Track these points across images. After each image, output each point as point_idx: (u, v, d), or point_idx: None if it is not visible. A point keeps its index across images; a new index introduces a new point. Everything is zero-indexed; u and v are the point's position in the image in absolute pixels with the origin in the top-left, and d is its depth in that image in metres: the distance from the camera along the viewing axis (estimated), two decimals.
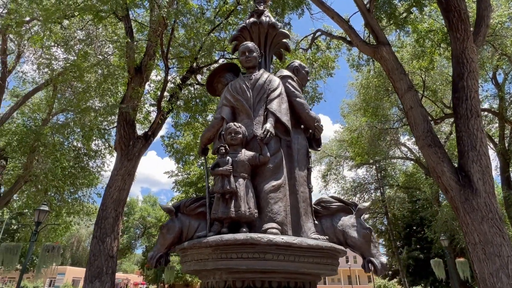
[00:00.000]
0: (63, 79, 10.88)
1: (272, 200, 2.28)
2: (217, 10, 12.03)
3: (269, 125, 2.45)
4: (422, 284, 25.13)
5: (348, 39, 12.40)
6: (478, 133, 8.34)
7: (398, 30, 13.63)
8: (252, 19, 3.12)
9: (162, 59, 9.35)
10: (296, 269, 1.95)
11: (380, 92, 19.36)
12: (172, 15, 7.55)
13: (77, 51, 13.74)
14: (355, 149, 21.43)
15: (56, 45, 13.25)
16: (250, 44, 2.92)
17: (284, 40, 3.27)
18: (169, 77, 9.96)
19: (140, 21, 11.45)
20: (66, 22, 13.47)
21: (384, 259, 2.43)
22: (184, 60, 10.01)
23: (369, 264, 2.41)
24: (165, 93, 10.14)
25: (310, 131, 2.92)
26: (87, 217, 18.09)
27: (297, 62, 3.23)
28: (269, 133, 2.39)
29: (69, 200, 17.94)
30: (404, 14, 12.67)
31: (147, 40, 10.05)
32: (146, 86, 11.74)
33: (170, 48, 10.91)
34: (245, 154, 2.37)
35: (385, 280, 30.68)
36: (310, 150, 2.98)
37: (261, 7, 3.28)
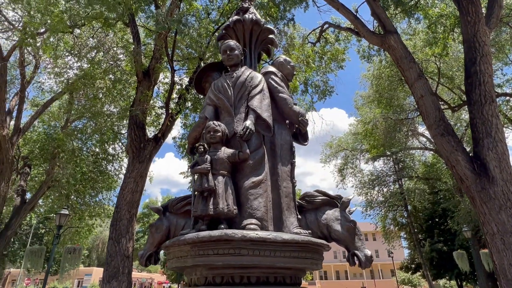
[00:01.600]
0: (77, 87, 11.26)
1: (252, 196, 2.30)
2: (221, 10, 12.08)
3: (249, 122, 2.47)
4: (447, 277, 24.44)
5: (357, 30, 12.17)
6: (493, 119, 8.01)
7: (407, 17, 13.23)
8: (235, 17, 3.14)
9: (168, 62, 9.50)
10: (272, 263, 1.96)
11: (394, 82, 18.88)
12: (174, 23, 7.65)
13: (90, 58, 14.19)
14: (370, 142, 21.03)
15: (69, 53, 13.72)
16: (231, 42, 2.94)
17: (270, 36, 3.26)
18: (176, 79, 10.11)
19: (146, 26, 11.65)
20: (77, 31, 13.93)
21: (369, 252, 2.40)
22: (190, 61, 10.14)
23: (354, 257, 2.39)
24: (174, 95, 10.30)
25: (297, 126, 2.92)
26: (108, 219, 18.67)
27: (282, 57, 3.22)
28: (248, 130, 2.41)
29: (91, 203, 18.58)
30: (413, 1, 12.29)
31: (153, 44, 10.23)
32: (156, 89, 11.97)
33: (177, 50, 11.07)
34: (225, 151, 2.40)
35: (408, 273, 30.04)
36: (300, 144, 2.97)
37: (246, 4, 3.29)
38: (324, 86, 16.99)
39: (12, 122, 15.62)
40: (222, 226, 2.13)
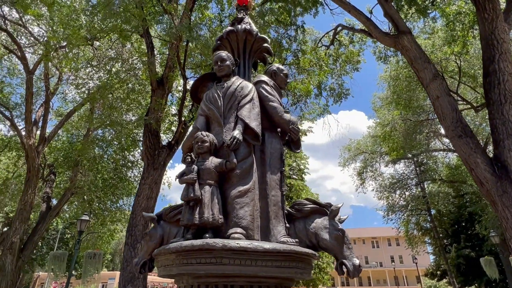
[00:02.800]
0: (96, 97, 11.70)
1: (238, 205, 2.32)
2: (233, 17, 12.25)
3: (236, 132, 2.50)
4: (476, 285, 23.30)
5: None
6: None
7: (421, 17, 12.90)
8: (229, 28, 3.19)
9: (180, 70, 9.72)
10: (254, 273, 1.97)
11: (412, 82, 18.40)
12: (185, 31, 7.84)
13: (108, 68, 14.73)
14: (389, 144, 20.53)
15: (89, 65, 14.30)
16: (223, 53, 2.99)
17: (265, 45, 3.29)
18: (189, 87, 10.31)
19: (161, 36, 11.99)
20: (97, 43, 14.52)
21: (357, 261, 2.35)
22: (202, 69, 10.33)
23: (342, 266, 2.35)
24: (187, 103, 10.50)
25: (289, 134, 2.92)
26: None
27: (275, 66, 3.24)
28: (235, 140, 2.45)
29: (112, 209, 19.15)
30: (428, 0, 11.98)
31: (166, 54, 10.50)
32: (170, 97, 12.24)
33: (190, 58, 11.31)
34: (212, 161, 2.44)
35: (434, 280, 28.91)
36: (292, 152, 2.97)
37: (240, 15, 3.34)
38: (340, 89, 16.81)
39: (38, 132, 16.38)
40: (207, 235, 2.16)
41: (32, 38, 15.09)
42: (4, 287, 13.62)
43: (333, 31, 15.95)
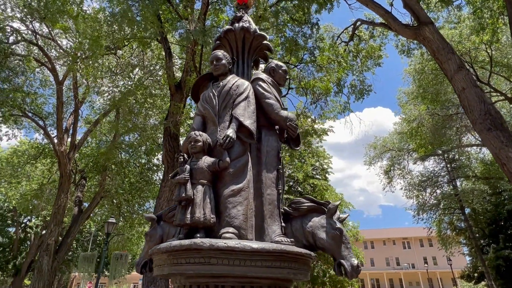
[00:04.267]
0: (118, 103, 12.15)
1: (231, 204, 2.28)
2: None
3: (230, 131, 2.47)
4: None
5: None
6: None
7: (445, 6, 12.31)
8: (226, 27, 3.18)
9: (196, 74, 9.87)
10: (243, 273, 1.92)
11: (439, 75, 17.56)
12: (199, 35, 7.95)
13: (131, 76, 15.25)
14: (417, 141, 19.71)
15: (113, 73, 14.88)
16: (218, 52, 2.98)
17: (265, 42, 3.24)
18: None
19: (180, 42, 12.25)
20: (120, 52, 15.09)
21: (355, 261, 2.23)
22: None
23: (340, 267, 2.25)
24: None
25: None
26: None
27: (273, 63, 3.18)
28: (228, 138, 2.42)
29: (140, 212, 19.77)
30: None
31: (184, 59, 10.70)
32: (189, 100, 12.46)
33: (206, 61, 11.46)
34: (205, 161, 2.43)
35: (471, 283, 27.30)
36: (292, 149, 2.90)
37: (239, 14, 3.32)
38: (361, 86, 16.37)
39: (69, 139, 17.23)
40: (198, 235, 2.15)
41: (61, 50, 15.91)
42: (42, 286, 14.42)
43: (352, 26, 15.58)
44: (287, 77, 3.25)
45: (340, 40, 16.21)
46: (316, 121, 15.74)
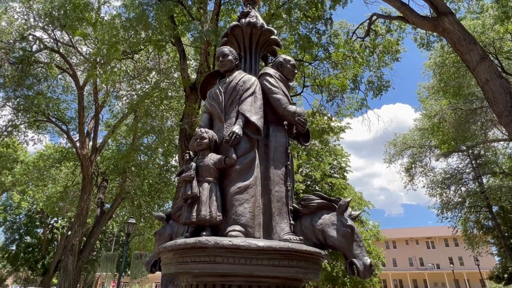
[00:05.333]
0: (137, 106, 12.38)
1: (237, 202, 2.24)
2: (263, 15, 12.22)
3: (236, 127, 2.43)
4: None
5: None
6: None
7: None
8: (233, 23, 3.14)
9: None
10: (249, 272, 1.87)
11: (461, 68, 16.88)
12: (211, 35, 7.99)
13: (149, 79, 15.54)
14: (439, 137, 19.03)
15: (131, 77, 15.21)
16: (225, 48, 2.94)
17: (272, 37, 3.18)
18: None
19: (191, 43, 12.37)
20: (136, 56, 15.40)
21: (368, 260, 2.12)
22: None
23: (352, 267, 2.15)
24: None
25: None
26: None
27: (281, 57, 3.11)
28: (234, 135, 2.38)
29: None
30: None
31: (196, 60, 10.78)
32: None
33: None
34: (212, 158, 2.39)
35: (500, 284, 26.09)
36: (301, 145, 2.83)
37: (246, 9, 3.28)
38: (379, 82, 15.99)
39: (91, 143, 17.74)
40: (204, 233, 2.12)
41: (81, 57, 16.42)
42: (68, 285, 14.92)
43: (367, 21, 15.25)
44: (296, 71, 3.17)
45: (356, 36, 15.87)
46: (333, 118, 15.50)
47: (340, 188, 19.93)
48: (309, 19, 11.17)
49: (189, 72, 11.74)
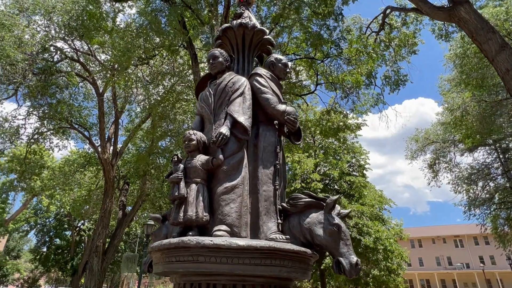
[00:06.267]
0: (150, 110, 12.70)
1: (224, 202, 2.25)
2: (272, 15, 12.21)
3: (223, 128, 2.44)
4: None
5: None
6: None
7: None
8: (224, 25, 3.15)
9: None
10: (231, 271, 1.87)
11: (484, 58, 16.13)
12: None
13: (165, 83, 15.88)
14: (462, 131, 18.29)
15: (147, 82, 15.60)
16: (215, 51, 2.97)
17: (266, 37, 3.17)
18: None
19: (203, 46, 12.54)
20: (151, 61, 15.78)
21: (354, 259, 2.07)
22: None
23: (339, 266, 2.10)
24: None
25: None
26: None
27: (273, 57, 3.10)
28: (221, 136, 2.39)
29: None
30: None
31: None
32: None
33: None
34: (199, 159, 2.42)
35: None
36: (293, 144, 2.81)
37: (240, 10, 3.29)
38: (396, 76, 15.59)
39: (112, 147, 18.33)
40: (190, 233, 2.15)
41: (99, 64, 17.00)
42: (93, 285, 15.48)
43: (381, 15, 14.91)
44: (288, 70, 3.14)
45: (371, 30, 15.55)
46: (349, 116, 15.24)
47: (360, 186, 19.53)
48: (319, 16, 11.05)
49: (201, 75, 11.89)
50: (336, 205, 2.32)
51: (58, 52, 15.37)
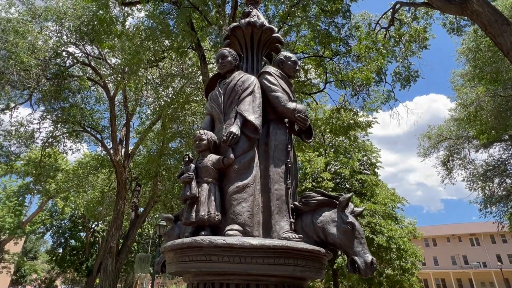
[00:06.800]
0: (160, 111, 12.82)
1: (235, 201, 2.24)
2: (280, 14, 12.17)
3: (234, 127, 2.44)
4: None
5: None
6: None
7: None
8: (233, 25, 3.15)
9: None
10: (245, 270, 1.86)
11: (498, 52, 15.74)
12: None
13: (175, 85, 16.01)
14: (476, 127, 17.89)
15: (158, 84, 15.75)
16: (224, 50, 2.96)
17: (274, 35, 3.16)
18: None
19: (212, 47, 12.58)
20: (161, 64, 15.93)
21: (369, 257, 2.03)
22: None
23: (354, 264, 2.06)
24: None
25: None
26: None
27: (282, 54, 3.07)
28: (232, 135, 2.39)
29: None
30: None
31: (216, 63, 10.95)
32: None
33: None
34: (210, 159, 2.41)
35: None
36: (304, 142, 2.78)
37: (247, 9, 3.28)
38: (407, 72, 15.35)
39: (123, 150, 18.57)
40: (203, 232, 2.15)
41: (110, 68, 17.24)
42: (108, 285, 15.71)
43: (391, 10, 14.70)
44: (297, 67, 3.12)
45: (380, 26, 15.35)
46: (359, 113, 15.08)
47: (371, 185, 19.30)
48: (327, 14, 10.96)
49: (210, 76, 11.94)
50: (350, 203, 2.29)
51: (70, 57, 15.66)
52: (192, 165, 2.43)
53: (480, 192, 22.94)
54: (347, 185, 20.41)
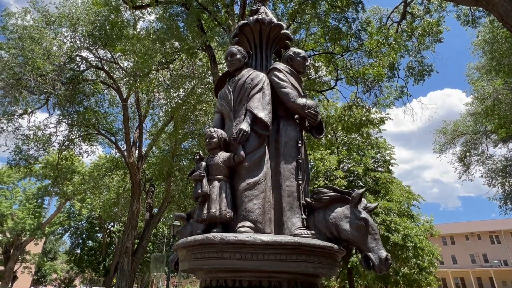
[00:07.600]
0: (171, 113, 12.95)
1: (247, 198, 2.23)
2: (289, 12, 12.12)
3: (244, 124, 2.43)
4: None
5: None
6: None
7: None
8: (241, 22, 3.14)
9: None
10: (257, 267, 1.85)
11: None
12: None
13: (186, 86, 16.15)
14: (494, 121, 17.38)
15: (169, 86, 15.92)
16: (233, 48, 2.96)
17: (283, 32, 3.14)
18: None
19: (221, 47, 12.64)
20: (172, 66, 16.09)
21: (384, 253, 1.98)
22: None
23: (368, 261, 2.02)
24: None
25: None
26: None
27: (291, 51, 3.04)
28: (242, 132, 2.38)
29: None
30: None
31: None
32: None
33: None
34: (221, 156, 2.41)
35: None
36: (314, 138, 2.75)
37: (256, 7, 3.27)
38: (420, 66, 15.04)
39: (137, 151, 18.85)
40: (215, 230, 2.15)
41: (123, 71, 17.52)
42: (124, 285, 16.00)
43: (402, 4, 14.45)
44: (307, 63, 3.09)
45: (391, 21, 15.10)
46: (372, 110, 14.86)
47: (386, 182, 19.00)
48: (337, 10, 10.85)
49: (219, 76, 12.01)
50: (363, 199, 2.25)
51: (84, 61, 16.00)
52: (203, 163, 2.44)
53: (499, 188, 22.30)
54: (360, 183, 20.17)
